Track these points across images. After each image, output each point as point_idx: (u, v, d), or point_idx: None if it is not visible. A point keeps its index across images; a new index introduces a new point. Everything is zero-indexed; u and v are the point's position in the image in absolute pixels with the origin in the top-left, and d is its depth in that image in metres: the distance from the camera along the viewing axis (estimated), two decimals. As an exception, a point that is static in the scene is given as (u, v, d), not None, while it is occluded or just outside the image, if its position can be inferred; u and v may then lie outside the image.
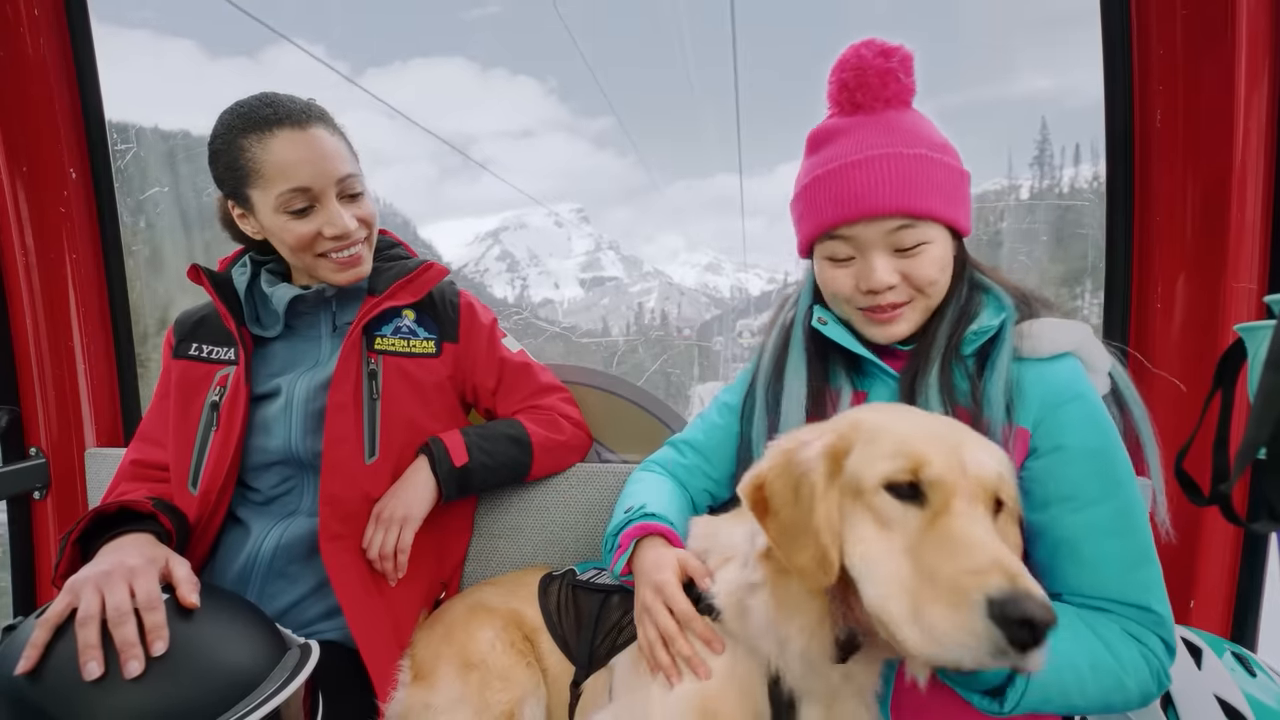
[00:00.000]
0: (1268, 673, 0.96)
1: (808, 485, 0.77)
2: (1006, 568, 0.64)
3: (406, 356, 1.32)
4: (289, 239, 1.20)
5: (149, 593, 0.87)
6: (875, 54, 1.01)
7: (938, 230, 0.99)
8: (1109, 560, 0.90)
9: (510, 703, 1.09)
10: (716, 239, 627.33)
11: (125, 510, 1.09)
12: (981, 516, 0.70)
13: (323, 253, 1.22)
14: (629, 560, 1.07)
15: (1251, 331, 0.84)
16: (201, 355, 1.30)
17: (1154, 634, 0.89)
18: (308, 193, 1.18)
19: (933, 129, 1.03)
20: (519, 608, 1.24)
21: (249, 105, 1.19)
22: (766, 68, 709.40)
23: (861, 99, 1.02)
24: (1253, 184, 1.25)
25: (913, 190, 0.97)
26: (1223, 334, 1.28)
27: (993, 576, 0.63)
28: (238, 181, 1.19)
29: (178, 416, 1.27)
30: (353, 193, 1.24)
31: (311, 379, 1.26)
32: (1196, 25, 1.28)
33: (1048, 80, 34.37)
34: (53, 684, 0.80)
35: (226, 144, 1.18)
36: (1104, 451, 0.92)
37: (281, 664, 0.91)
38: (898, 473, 0.73)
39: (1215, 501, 0.84)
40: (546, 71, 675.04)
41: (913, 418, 0.81)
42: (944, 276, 1.02)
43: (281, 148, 1.16)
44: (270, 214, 1.19)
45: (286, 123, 1.17)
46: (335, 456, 1.21)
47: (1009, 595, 0.61)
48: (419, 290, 1.35)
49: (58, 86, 1.62)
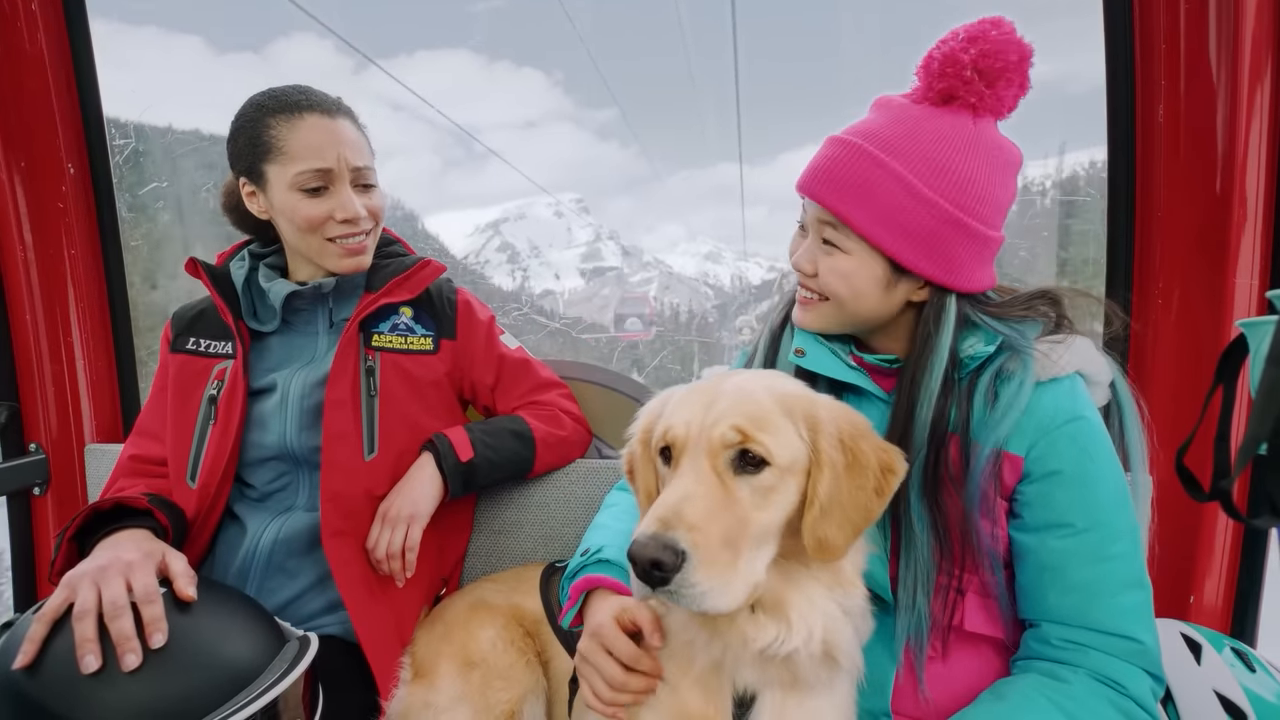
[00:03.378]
0: (1267, 668, 0.96)
1: (635, 459, 0.88)
2: (661, 515, 0.70)
3: (404, 353, 1.32)
4: (298, 218, 1.21)
5: (146, 586, 0.87)
6: (967, 37, 0.90)
7: (858, 244, 0.94)
8: (1093, 586, 0.89)
9: (511, 701, 1.09)
10: (716, 228, 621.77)
11: (121, 506, 1.09)
12: (699, 468, 0.75)
13: (329, 237, 1.23)
14: (579, 613, 1.00)
15: (1253, 327, 0.83)
16: (199, 349, 1.30)
17: (1137, 668, 0.88)
18: (325, 174, 1.20)
19: (966, 153, 0.91)
20: (520, 603, 1.24)
21: (282, 90, 1.23)
22: (766, 58, 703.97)
23: (921, 81, 0.95)
24: (1255, 178, 1.25)
25: (839, 189, 0.93)
26: (1224, 329, 1.27)
27: (645, 521, 0.71)
28: (256, 156, 1.21)
29: (176, 410, 1.27)
30: (366, 183, 1.26)
31: (307, 375, 1.26)
32: (1199, 18, 1.27)
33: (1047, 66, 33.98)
34: (51, 678, 0.80)
35: (253, 120, 1.21)
36: (1098, 478, 0.91)
37: (280, 656, 0.91)
38: (658, 442, 0.81)
39: (1216, 497, 0.84)
40: (552, 64, 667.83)
41: (701, 385, 0.83)
42: (852, 295, 0.96)
43: (308, 129, 1.19)
44: (284, 191, 1.20)
45: (318, 109, 1.21)
46: (334, 453, 1.21)
47: (636, 536, 0.70)
48: (416, 287, 1.35)
49: (55, 82, 1.61)
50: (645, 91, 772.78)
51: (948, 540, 0.92)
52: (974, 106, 0.92)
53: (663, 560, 0.68)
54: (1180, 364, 1.35)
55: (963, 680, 0.96)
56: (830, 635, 0.79)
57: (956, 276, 0.94)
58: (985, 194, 0.92)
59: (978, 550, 0.92)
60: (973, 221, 0.92)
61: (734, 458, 0.75)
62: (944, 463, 0.92)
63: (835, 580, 0.82)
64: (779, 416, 0.77)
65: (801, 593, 0.80)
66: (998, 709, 0.88)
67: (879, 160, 0.91)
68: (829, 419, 0.78)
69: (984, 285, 0.98)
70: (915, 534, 0.93)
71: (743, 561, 0.73)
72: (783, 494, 0.76)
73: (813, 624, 0.78)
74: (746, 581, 0.73)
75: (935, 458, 0.92)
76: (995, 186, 0.93)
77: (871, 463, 0.77)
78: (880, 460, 0.78)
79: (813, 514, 0.76)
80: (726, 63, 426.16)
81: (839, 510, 0.76)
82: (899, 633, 0.95)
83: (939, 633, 0.96)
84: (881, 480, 0.77)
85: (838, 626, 0.80)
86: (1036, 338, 0.95)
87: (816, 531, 0.75)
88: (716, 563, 0.70)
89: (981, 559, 0.93)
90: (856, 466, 0.77)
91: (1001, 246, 0.99)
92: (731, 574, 0.71)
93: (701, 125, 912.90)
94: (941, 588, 0.95)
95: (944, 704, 0.94)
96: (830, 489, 0.76)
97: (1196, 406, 0.91)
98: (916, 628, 0.93)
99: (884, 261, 0.94)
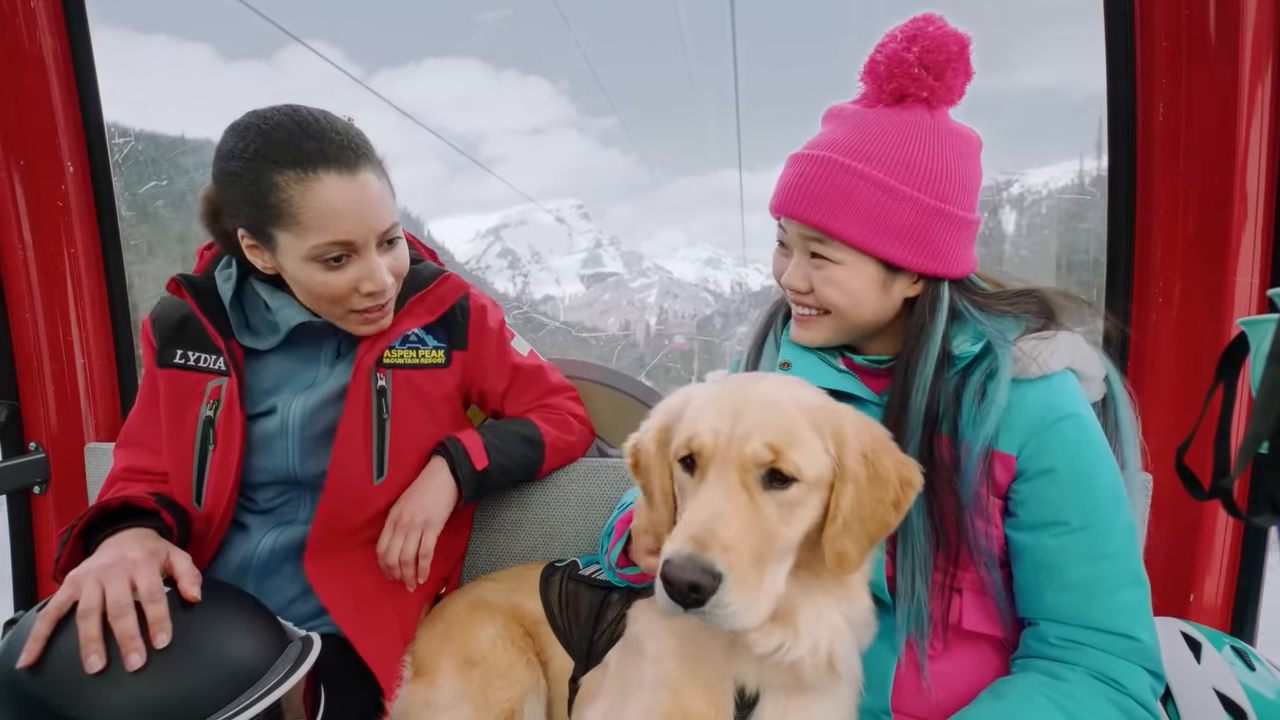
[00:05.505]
0: (1267, 666, 0.96)
1: (646, 455, 0.88)
2: (694, 535, 0.69)
3: (416, 368, 1.25)
4: (317, 289, 1.08)
5: (150, 585, 0.87)
6: (904, 37, 0.93)
7: (849, 254, 0.95)
8: (1090, 585, 0.90)
9: (511, 700, 1.09)
10: (716, 234, 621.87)
11: (127, 506, 1.08)
12: (728, 483, 0.74)
13: (352, 308, 1.13)
14: (624, 549, 1.05)
15: (1254, 325, 0.83)
16: (189, 364, 1.20)
17: (1136, 665, 0.88)
18: (348, 245, 1.05)
19: (930, 146, 0.93)
20: (520, 602, 1.24)
21: (284, 131, 1.01)
22: (766, 64, 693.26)
23: (869, 86, 0.96)
24: (1255, 177, 1.25)
25: (820, 205, 0.93)
26: (1225, 328, 1.27)
27: (678, 540, 0.70)
28: (262, 218, 1.04)
29: (171, 428, 1.21)
30: (391, 239, 1.12)
31: (308, 400, 1.19)
32: (1199, 18, 1.27)
33: (1048, 74, 32.81)
34: (55, 677, 0.80)
35: (254, 173, 1.01)
36: (1092, 475, 0.91)
37: (284, 656, 0.91)
38: (680, 449, 0.80)
39: (1217, 495, 0.84)
40: (558, 72, 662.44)
41: (725, 390, 0.82)
42: (853, 304, 0.97)
43: (327, 195, 1.01)
44: (298, 261, 1.06)
45: (334, 165, 1.02)
46: (340, 483, 1.17)
47: (670, 556, 0.69)
48: (436, 306, 1.27)
49: (55, 81, 1.61)
50: (646, 98, 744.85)
51: (943, 527, 0.93)
52: (927, 100, 0.94)
53: (701, 584, 0.67)
54: (1181, 362, 1.35)
55: (963, 679, 0.96)
56: (834, 647, 0.79)
57: (946, 263, 0.96)
58: (958, 180, 0.94)
59: (972, 542, 0.93)
60: (952, 209, 0.94)
61: (765, 475, 0.75)
62: (936, 450, 0.93)
63: (845, 592, 0.83)
64: (807, 431, 0.77)
65: (812, 603, 0.80)
66: (997, 708, 0.88)
67: (851, 168, 0.92)
68: (854, 433, 0.78)
69: (970, 267, 1.00)
70: (911, 519, 0.93)
71: (768, 577, 0.73)
72: (806, 508, 0.77)
73: (819, 635, 0.79)
74: (770, 597, 0.73)
75: (929, 443, 0.93)
76: (965, 171, 0.96)
77: (892, 477, 0.77)
78: (900, 474, 0.78)
79: (834, 528, 0.76)
80: (726, 69, 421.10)
81: (858, 524, 0.76)
82: (899, 622, 0.95)
83: (938, 631, 0.96)
84: (900, 493, 0.77)
85: (842, 638, 0.80)
86: (1021, 335, 0.95)
87: (836, 545, 0.76)
88: (748, 583, 0.70)
89: (976, 555, 0.93)
90: (878, 480, 0.77)
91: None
92: (758, 592, 0.71)
93: (702, 132, 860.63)
94: (938, 585, 0.95)
95: (944, 703, 0.94)
96: (852, 503, 0.76)
97: (1196, 405, 0.91)
98: (917, 615, 0.94)
99: (876, 264, 0.95)
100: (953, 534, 0.93)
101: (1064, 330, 0.97)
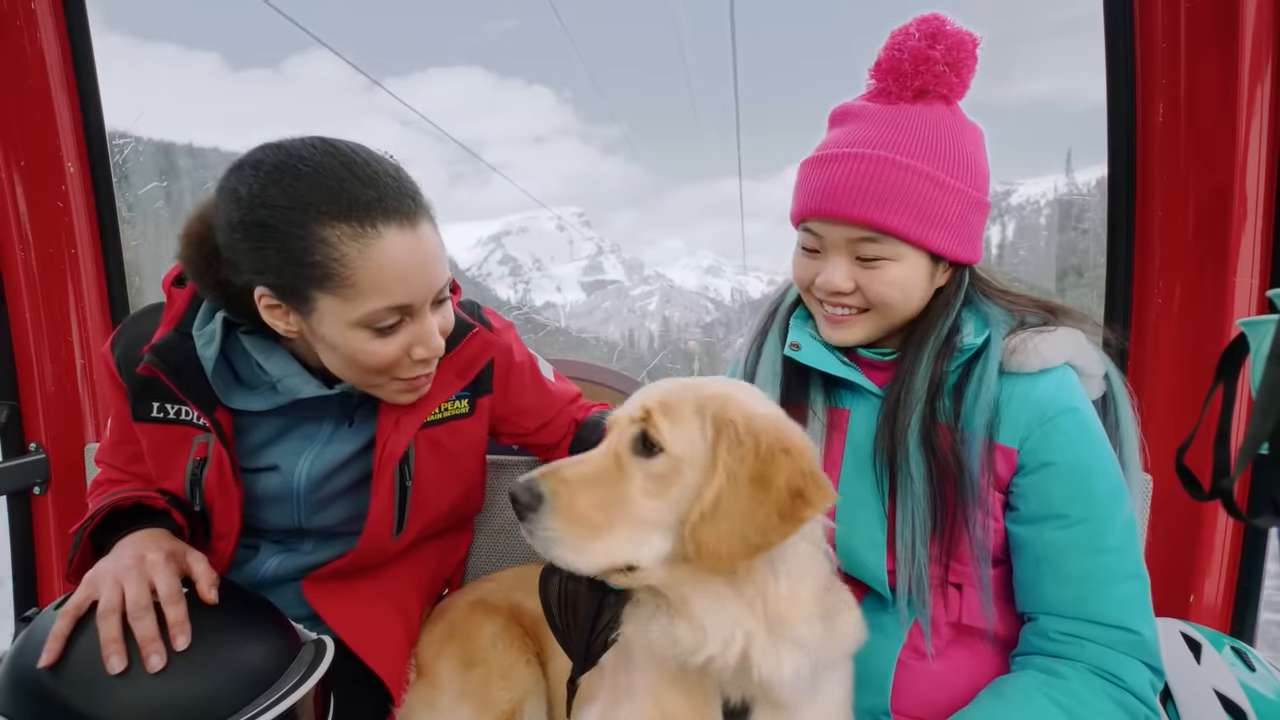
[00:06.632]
0: (1267, 667, 0.96)
1: None
2: (545, 469, 0.78)
3: (439, 424, 1.15)
4: (363, 359, 0.93)
5: (170, 587, 0.86)
6: (923, 35, 0.93)
7: (905, 249, 0.94)
8: (1090, 578, 0.90)
9: (512, 700, 1.09)
10: (717, 242, 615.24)
11: (139, 505, 1.07)
12: (604, 447, 0.81)
13: (398, 376, 0.99)
14: None
15: (1254, 326, 0.83)
16: (168, 417, 1.05)
17: (1135, 660, 0.88)
18: (406, 309, 0.92)
19: (958, 138, 0.95)
20: (520, 602, 1.24)
21: (332, 176, 0.84)
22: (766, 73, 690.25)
23: (890, 83, 0.96)
24: (1255, 179, 1.25)
25: (876, 202, 0.92)
26: (1225, 329, 1.27)
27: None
28: (300, 278, 0.87)
29: (160, 475, 1.10)
30: (442, 298, 0.99)
31: (316, 463, 1.09)
32: (1199, 20, 1.27)
33: (1048, 83, 33.14)
34: (75, 676, 0.80)
35: (295, 225, 0.84)
36: (1091, 469, 0.91)
37: (298, 660, 0.91)
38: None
39: (1217, 496, 0.84)
40: (562, 81, 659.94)
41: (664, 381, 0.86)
42: (905, 299, 0.97)
43: (389, 254, 0.86)
44: (342, 328, 0.90)
45: (395, 218, 0.87)
46: (366, 542, 1.13)
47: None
48: (466, 370, 1.14)
49: (56, 82, 1.61)
50: (648, 107, 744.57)
51: (942, 517, 0.93)
52: (946, 96, 0.96)
53: (518, 495, 0.76)
54: (1181, 363, 1.35)
55: (963, 679, 0.96)
56: (752, 652, 0.76)
57: (973, 249, 0.99)
58: (982, 170, 0.98)
59: (971, 534, 0.93)
60: (985, 198, 0.98)
61: (635, 438, 0.78)
62: (936, 438, 0.94)
63: (756, 594, 0.78)
64: (689, 412, 0.78)
65: (708, 596, 0.77)
66: (997, 707, 0.88)
67: (902, 164, 0.92)
68: (745, 427, 0.74)
69: (981, 249, 1.04)
70: (913, 480, 0.94)
71: (615, 537, 0.75)
72: (679, 488, 0.75)
73: (727, 635, 0.76)
74: (609, 555, 0.75)
75: (931, 410, 0.95)
76: (984, 161, 0.99)
77: (779, 482, 0.72)
78: (791, 482, 0.72)
79: (694, 513, 0.73)
80: (726, 79, 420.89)
81: (728, 520, 0.72)
82: (899, 593, 0.95)
83: (938, 628, 0.96)
84: (789, 504, 0.72)
85: (764, 649, 0.76)
86: (1022, 327, 0.97)
87: (697, 533, 0.72)
88: (577, 521, 0.74)
89: (973, 548, 0.94)
90: (761, 482, 0.72)
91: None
92: (594, 540, 0.74)
93: (702, 140, 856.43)
94: (937, 580, 0.95)
95: (944, 702, 0.94)
96: (723, 496, 0.72)
97: (1196, 405, 0.91)
98: (918, 580, 0.94)
99: (927, 257, 0.97)
100: (949, 524, 0.93)
101: (1065, 326, 0.98)
